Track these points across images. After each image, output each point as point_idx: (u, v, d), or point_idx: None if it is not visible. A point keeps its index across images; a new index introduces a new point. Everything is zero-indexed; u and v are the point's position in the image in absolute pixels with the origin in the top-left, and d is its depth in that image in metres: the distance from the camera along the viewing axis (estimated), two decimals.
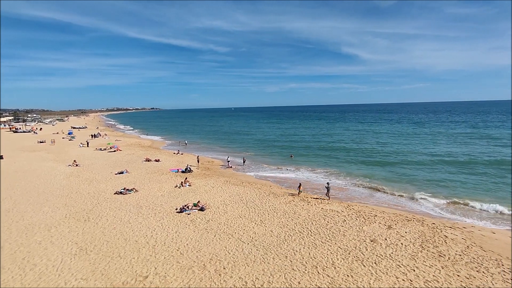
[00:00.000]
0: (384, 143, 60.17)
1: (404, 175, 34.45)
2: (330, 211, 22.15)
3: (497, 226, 20.29)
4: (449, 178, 32.49)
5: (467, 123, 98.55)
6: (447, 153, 46.06)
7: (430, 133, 73.83)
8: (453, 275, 13.60)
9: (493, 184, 29.93)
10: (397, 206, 24.60)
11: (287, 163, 43.21)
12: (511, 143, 53.14)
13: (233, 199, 25.34)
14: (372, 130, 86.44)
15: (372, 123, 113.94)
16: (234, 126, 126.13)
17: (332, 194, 27.04)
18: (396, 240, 17.26)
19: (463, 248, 16.24)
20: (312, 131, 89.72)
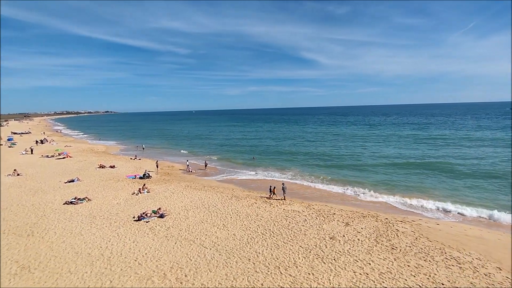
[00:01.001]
0: (342, 144, 63.15)
1: (360, 174, 36.42)
2: (292, 212, 22.63)
3: (440, 219, 22.29)
4: (398, 177, 35.05)
5: (414, 125, 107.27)
6: (398, 154, 49.65)
7: (382, 135, 79.09)
8: (404, 265, 14.63)
9: (437, 182, 32.84)
10: (354, 203, 25.89)
11: (250, 165, 43.43)
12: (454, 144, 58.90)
13: (194, 204, 24.77)
14: (330, 132, 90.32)
15: (330, 126, 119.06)
16: (195, 129, 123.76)
17: (294, 194, 27.74)
18: (353, 236, 18.13)
19: (412, 240, 17.56)
20: (274, 134, 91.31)
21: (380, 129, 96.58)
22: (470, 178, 32.86)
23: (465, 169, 36.37)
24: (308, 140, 72.37)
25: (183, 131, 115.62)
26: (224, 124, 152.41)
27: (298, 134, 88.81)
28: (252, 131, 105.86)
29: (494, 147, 51.63)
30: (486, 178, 32.50)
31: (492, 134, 70.52)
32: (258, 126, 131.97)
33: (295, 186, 32.17)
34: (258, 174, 37.81)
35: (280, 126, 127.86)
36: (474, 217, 22.55)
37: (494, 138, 64.00)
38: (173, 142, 76.01)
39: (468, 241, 17.73)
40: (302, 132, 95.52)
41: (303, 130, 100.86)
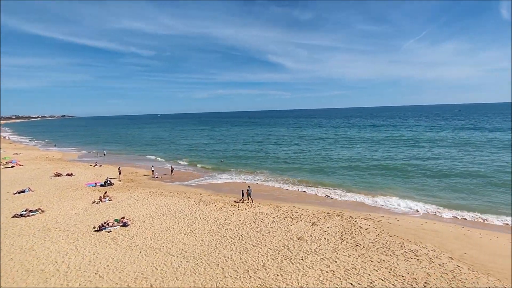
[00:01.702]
0: (308, 147, 64.78)
1: (326, 175, 37.58)
2: (260, 214, 22.71)
3: (399, 214, 23.64)
4: (361, 177, 36.68)
5: (375, 127, 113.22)
6: (360, 156, 52.02)
7: (346, 137, 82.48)
8: (367, 261, 15.28)
9: (396, 181, 34.84)
10: (320, 203, 26.59)
11: (218, 169, 42.99)
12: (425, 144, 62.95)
13: (160, 211, 23.91)
14: (297, 135, 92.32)
15: (297, 128, 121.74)
16: (160, 133, 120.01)
17: (263, 196, 27.93)
18: (319, 235, 18.60)
19: (374, 236, 18.41)
20: (242, 137, 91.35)
21: (343, 131, 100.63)
22: (425, 177, 35.30)
23: (420, 169, 39.00)
24: (276, 143, 73.34)
25: (148, 135, 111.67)
26: (191, 128, 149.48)
27: (266, 137, 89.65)
28: (220, 134, 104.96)
29: (445, 147, 56.04)
30: (436, 177, 35.12)
31: (443, 135, 76.58)
32: (226, 129, 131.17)
33: (264, 188, 32.37)
34: (227, 178, 37.52)
35: (248, 129, 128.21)
36: (430, 212, 24.20)
37: (444, 139, 69.50)
38: (136, 147, 73.03)
39: (425, 234, 18.98)
40: (269, 135, 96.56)
41: (271, 133, 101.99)
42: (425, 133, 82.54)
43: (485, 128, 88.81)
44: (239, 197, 27.33)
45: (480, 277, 13.76)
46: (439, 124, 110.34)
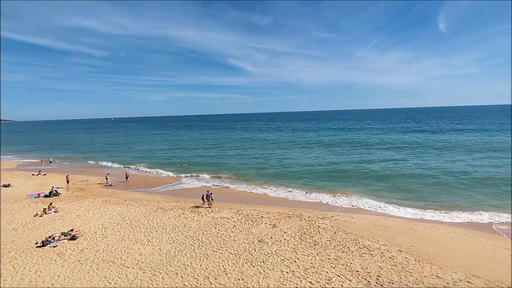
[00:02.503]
0: (269, 150, 65.67)
1: (286, 177, 38.35)
2: (221, 219, 22.42)
3: (354, 213, 24.89)
4: (319, 178, 38.08)
5: (331, 130, 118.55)
6: (318, 157, 54.04)
7: (304, 139, 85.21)
8: (325, 259, 15.81)
9: (351, 182, 36.73)
10: (281, 205, 27.01)
11: (177, 174, 41.72)
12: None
13: (114, 220, 22.48)
14: (258, 138, 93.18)
15: (257, 132, 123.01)
16: (114, 138, 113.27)
17: (224, 200, 27.65)
18: (280, 237, 18.86)
19: (331, 234, 19.14)
20: (202, 141, 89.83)
21: (302, 134, 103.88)
22: (377, 177, 37.73)
23: (372, 170, 41.61)
24: (237, 146, 73.32)
25: (100, 140, 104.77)
26: (148, 132, 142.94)
27: (227, 140, 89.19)
28: (179, 139, 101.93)
29: (394, 150, 60.51)
30: (387, 177, 37.77)
31: (392, 137, 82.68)
32: (186, 133, 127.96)
33: (225, 192, 32.09)
34: (186, 183, 36.56)
35: (209, 133, 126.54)
36: (381, 209, 25.85)
37: (392, 141, 75.08)
38: (87, 154, 68.07)
39: (377, 230, 20.19)
40: (230, 138, 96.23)
41: (232, 137, 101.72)
42: (376, 135, 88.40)
43: (428, 130, 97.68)
44: (199, 202, 26.76)
45: (425, 267, 14.96)
46: (388, 127, 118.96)
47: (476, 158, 45.03)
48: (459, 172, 37.00)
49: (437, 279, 13.85)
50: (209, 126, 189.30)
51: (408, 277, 13.98)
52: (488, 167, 39.10)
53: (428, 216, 23.76)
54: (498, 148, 53.53)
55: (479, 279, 13.87)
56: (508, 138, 67.49)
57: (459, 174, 36.03)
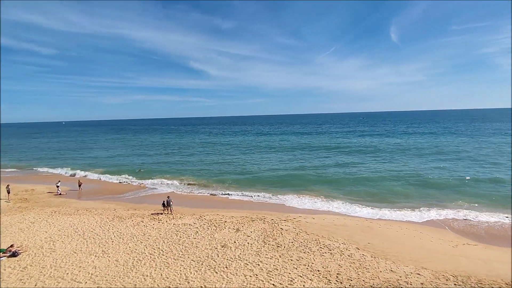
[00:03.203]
0: (232, 153, 65.44)
1: (250, 181, 38.43)
2: (183, 225, 21.77)
3: (315, 214, 25.63)
4: (281, 180, 38.74)
5: (294, 134, 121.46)
6: (282, 159, 54.99)
7: (267, 142, 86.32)
8: (288, 260, 16.03)
9: (314, 182, 37.84)
10: (244, 208, 26.95)
11: (137, 179, 39.83)
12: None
13: (64, 232, 20.76)
14: (221, 142, 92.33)
15: (221, 135, 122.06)
16: (65, 143, 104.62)
17: (186, 205, 26.94)
18: (243, 241, 18.77)
19: (294, 236, 19.48)
20: (162, 145, 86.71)
21: (265, 138, 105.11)
22: (336, 178, 39.34)
23: (331, 172, 43.33)
24: (200, 151, 71.93)
25: (49, 146, 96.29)
26: (104, 137, 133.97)
27: (189, 145, 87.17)
28: (138, 143, 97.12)
29: (353, 153, 63.64)
30: (345, 178, 39.57)
31: (351, 141, 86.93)
32: (145, 137, 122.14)
33: (188, 197, 31.33)
34: (146, 189, 35.03)
35: (170, 137, 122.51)
36: (341, 209, 26.91)
37: (350, 145, 78.95)
38: (33, 160, 62.18)
39: (336, 229, 20.96)
40: (193, 142, 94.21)
41: (195, 141, 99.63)
42: (337, 139, 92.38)
43: (383, 134, 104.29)
44: (160, 209, 25.76)
45: (380, 262, 15.81)
46: (348, 131, 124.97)
47: (425, 161, 48.91)
48: (409, 173, 39.87)
49: (391, 273, 14.70)
50: (170, 130, 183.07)
51: (365, 273, 14.67)
52: (435, 169, 42.67)
53: (383, 215, 25.21)
54: (442, 151, 58.69)
55: (427, 270, 14.97)
56: (452, 140, 74.47)
57: (410, 175, 38.84)
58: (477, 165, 42.20)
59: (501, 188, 31.11)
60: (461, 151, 54.12)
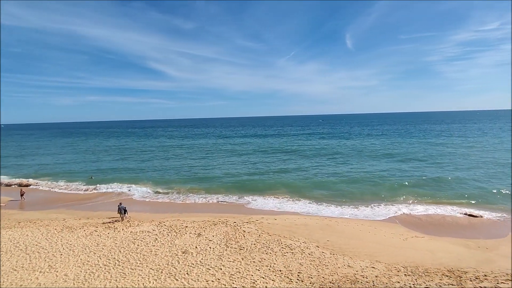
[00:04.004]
0: (193, 156, 64.02)
1: (211, 183, 37.87)
2: (141, 233, 20.75)
3: (277, 215, 25.98)
4: (244, 182, 38.76)
5: (256, 136, 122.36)
6: (244, 162, 55.01)
7: (230, 148, 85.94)
8: (250, 262, 16.01)
9: (274, 184, 38.37)
10: (205, 212, 26.46)
11: (89, 186, 37.21)
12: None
13: (3, 248, 18.66)
14: (182, 145, 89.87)
15: (181, 138, 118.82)
16: (4, 149, 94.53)
17: (145, 211, 25.76)
18: (205, 245, 18.39)
19: (256, 238, 19.54)
20: (119, 149, 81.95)
21: (226, 140, 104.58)
22: (298, 181, 40.33)
23: (293, 174, 44.35)
24: (159, 155, 69.26)
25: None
26: (52, 141, 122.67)
27: (147, 148, 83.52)
28: (91, 147, 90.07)
29: (313, 156, 65.75)
30: (304, 179, 40.75)
31: (311, 143, 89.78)
32: (100, 141, 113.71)
33: (147, 203, 30.00)
34: (100, 196, 32.88)
35: (127, 140, 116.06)
36: (301, 210, 27.59)
37: (310, 146, 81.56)
38: None
39: (297, 229, 21.43)
40: (152, 146, 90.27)
41: (154, 144, 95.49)
42: (298, 140, 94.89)
43: (342, 136, 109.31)
44: (115, 217, 24.33)
45: (338, 258, 16.46)
46: (309, 132, 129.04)
47: (378, 162, 52.17)
48: (364, 174, 42.21)
49: (348, 268, 15.35)
50: (127, 133, 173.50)
51: (324, 269, 15.15)
52: (386, 169, 45.69)
53: (341, 213, 26.36)
54: (393, 152, 63.08)
55: (381, 263, 15.90)
56: (401, 141, 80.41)
57: (365, 175, 41.10)
58: (424, 165, 45.94)
59: (444, 185, 34.17)
60: (409, 153, 58.55)
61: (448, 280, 14.02)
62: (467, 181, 35.32)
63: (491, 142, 71.08)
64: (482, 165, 43.86)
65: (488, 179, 35.80)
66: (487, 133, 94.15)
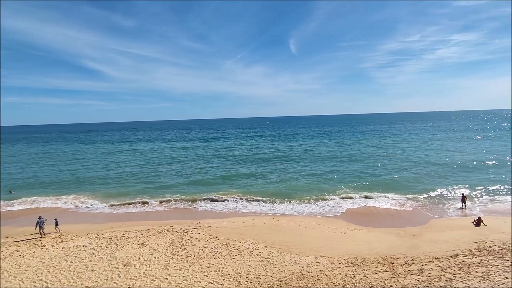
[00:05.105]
0: (135, 163, 60.25)
1: (155, 191, 35.99)
2: (75, 248, 18.75)
3: (226, 218, 25.73)
4: (191, 187, 37.72)
5: (201, 140, 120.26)
6: (188, 166, 53.54)
7: (175, 154, 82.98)
8: (198, 269, 15.54)
9: (220, 187, 38.01)
10: (150, 219, 25.05)
11: (7, 201, 32.47)
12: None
13: None
14: (121, 150, 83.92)
15: (122, 142, 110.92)
16: None
17: (80, 223, 23.37)
18: (149, 255, 17.35)
19: (204, 243, 19.07)
20: (47, 156, 72.91)
21: (173, 144, 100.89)
22: (245, 180, 40.55)
23: (237, 176, 44.52)
24: (95, 162, 63.54)
25: None
26: None
27: (81, 154, 75.76)
28: (9, 155, 78.57)
29: (260, 158, 66.79)
30: (249, 177, 41.23)
31: (262, 145, 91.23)
32: (22, 149, 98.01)
33: (80, 215, 27.29)
34: (21, 213, 28.95)
35: (57, 146, 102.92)
36: (248, 210, 27.79)
37: (260, 148, 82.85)
38: None
39: (246, 230, 21.50)
40: (86, 152, 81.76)
41: (88, 150, 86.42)
42: (246, 144, 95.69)
43: (289, 139, 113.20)
44: (45, 233, 21.63)
45: (285, 256, 16.89)
46: (256, 135, 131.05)
47: (323, 163, 55.22)
48: (310, 173, 44.30)
49: (295, 265, 15.84)
50: (57, 138, 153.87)
51: (272, 268, 15.41)
52: (330, 169, 48.59)
53: (286, 211, 27.20)
54: (336, 154, 67.37)
55: (325, 257, 16.74)
56: (339, 141, 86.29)
57: (310, 175, 43.15)
58: (362, 164, 49.87)
59: (378, 182, 37.50)
60: (351, 154, 63.02)
61: (383, 267, 15.32)
62: (397, 177, 39.28)
63: (417, 142, 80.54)
64: (407, 163, 49.30)
65: (413, 175, 40.34)
66: (414, 133, 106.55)
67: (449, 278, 13.90)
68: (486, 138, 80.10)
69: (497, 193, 30.58)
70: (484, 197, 29.62)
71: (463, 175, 38.72)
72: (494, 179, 35.61)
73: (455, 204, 27.83)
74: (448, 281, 13.57)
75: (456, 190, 31.70)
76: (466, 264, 15.35)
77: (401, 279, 13.96)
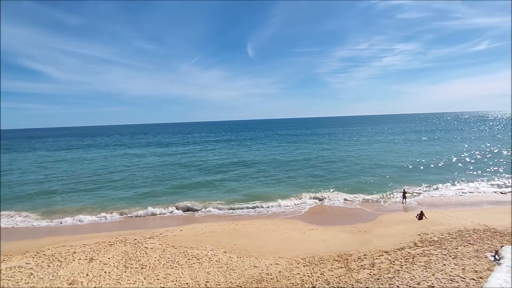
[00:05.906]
0: (80, 170, 55.77)
1: (104, 200, 33.68)
2: (8, 270, 16.63)
3: (184, 225, 24.93)
4: (145, 195, 35.97)
5: (158, 145, 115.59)
6: (150, 173, 51.09)
7: (126, 159, 78.73)
8: (154, 280, 14.74)
9: (177, 193, 36.81)
10: (100, 230, 23.27)
11: None
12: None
13: None
14: (65, 158, 77.24)
15: (66, 150, 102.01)
16: None
17: (14, 240, 20.84)
18: (99, 271, 16.05)
19: (160, 253, 18.19)
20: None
21: (124, 150, 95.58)
22: (207, 188, 39.78)
23: (193, 181, 43.62)
24: (34, 170, 57.59)
25: None
26: None
27: (17, 163, 68.29)
28: None
29: (221, 163, 66.09)
30: (209, 185, 40.66)
31: (218, 151, 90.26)
32: None
33: (14, 231, 24.41)
34: None
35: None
36: (205, 214, 27.25)
37: (217, 153, 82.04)
38: None
39: (205, 237, 20.99)
40: (25, 159, 73.93)
41: (27, 157, 78.09)
42: (207, 149, 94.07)
43: (249, 144, 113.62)
44: None
45: (245, 261, 16.79)
46: (216, 139, 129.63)
47: (283, 168, 56.34)
48: (268, 177, 44.92)
49: (254, 268, 15.81)
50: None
51: (232, 274, 15.19)
52: (290, 173, 49.75)
53: (245, 215, 27.20)
54: (294, 158, 69.22)
55: (283, 259, 16.96)
56: (295, 146, 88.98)
57: (268, 179, 43.74)
58: (317, 167, 51.91)
59: (333, 182, 39.29)
60: (306, 158, 65.33)
61: (338, 264, 15.96)
62: (350, 178, 41.55)
63: (368, 145, 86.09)
64: (360, 165, 52.49)
65: (365, 176, 43.01)
66: (365, 136, 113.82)
67: (396, 269, 14.93)
68: (429, 140, 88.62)
69: (436, 190, 33.88)
70: (424, 193, 32.63)
71: (407, 174, 42.31)
72: (433, 179, 39.40)
73: (399, 199, 30.30)
74: (396, 272, 14.57)
75: (400, 188, 34.45)
76: (411, 255, 16.65)
77: (355, 274, 14.66)
